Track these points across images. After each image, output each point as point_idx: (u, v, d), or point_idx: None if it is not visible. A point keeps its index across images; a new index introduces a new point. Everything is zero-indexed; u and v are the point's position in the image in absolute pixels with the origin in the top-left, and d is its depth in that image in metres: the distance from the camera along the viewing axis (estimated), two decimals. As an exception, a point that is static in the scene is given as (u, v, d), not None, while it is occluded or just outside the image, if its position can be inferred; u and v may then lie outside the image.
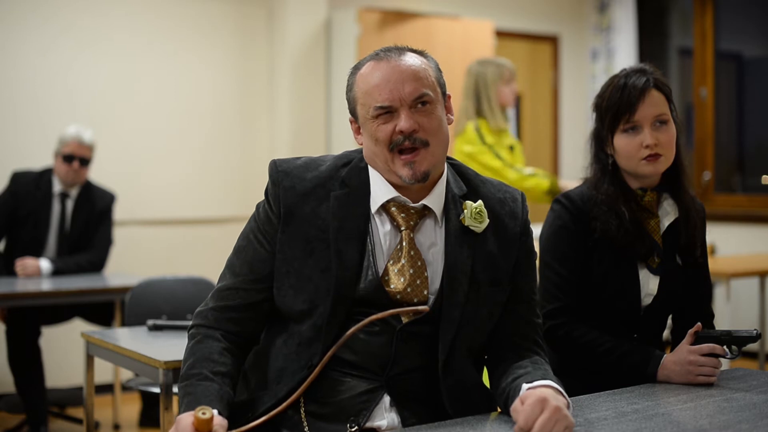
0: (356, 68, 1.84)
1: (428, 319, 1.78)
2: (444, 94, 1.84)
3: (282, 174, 1.83)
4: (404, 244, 1.79)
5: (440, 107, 1.81)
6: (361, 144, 1.85)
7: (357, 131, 1.86)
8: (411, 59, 1.80)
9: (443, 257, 1.81)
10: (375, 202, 1.81)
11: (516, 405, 1.63)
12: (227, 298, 1.83)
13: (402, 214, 1.80)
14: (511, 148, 4.58)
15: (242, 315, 1.83)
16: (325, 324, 1.75)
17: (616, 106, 2.21)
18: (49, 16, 5.10)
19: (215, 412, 1.63)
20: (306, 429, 1.75)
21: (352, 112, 1.84)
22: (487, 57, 4.97)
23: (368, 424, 1.75)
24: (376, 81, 1.77)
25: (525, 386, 1.67)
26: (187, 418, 1.57)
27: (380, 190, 1.81)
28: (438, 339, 1.78)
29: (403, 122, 1.75)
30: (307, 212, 1.80)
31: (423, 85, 1.77)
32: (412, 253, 1.79)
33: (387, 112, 1.76)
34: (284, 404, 1.70)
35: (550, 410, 1.56)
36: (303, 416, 1.77)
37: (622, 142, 2.21)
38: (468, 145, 4.40)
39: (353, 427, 1.74)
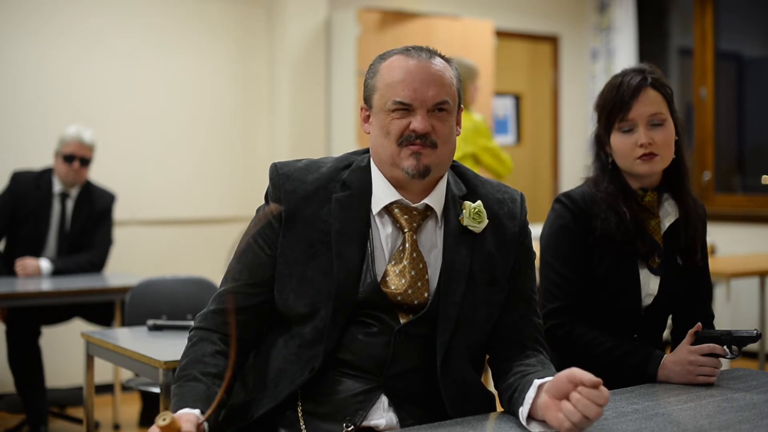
0: (382, 57, 1.83)
1: (426, 320, 1.78)
2: (459, 106, 1.85)
3: (283, 177, 1.82)
4: (407, 245, 1.79)
5: (453, 118, 1.82)
6: (368, 132, 1.85)
7: (366, 119, 1.85)
8: (439, 64, 1.80)
9: (442, 257, 1.81)
10: (377, 204, 1.81)
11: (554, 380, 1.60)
12: (227, 301, 1.82)
13: (405, 216, 1.80)
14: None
15: (240, 318, 1.81)
16: (327, 327, 1.75)
17: (611, 104, 2.21)
18: (49, 16, 5.10)
19: (196, 410, 1.61)
20: (303, 428, 1.75)
21: (367, 99, 1.84)
22: (455, 56, 5.03)
23: (365, 423, 1.75)
24: (401, 76, 1.77)
25: (537, 381, 1.66)
26: (153, 430, 1.55)
27: (382, 192, 1.81)
28: (436, 340, 1.78)
29: (419, 123, 1.75)
30: (308, 215, 1.79)
31: (446, 92, 1.78)
32: (414, 255, 1.79)
33: (405, 108, 1.76)
34: (220, 391, 1.64)
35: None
36: (300, 415, 1.77)
37: (617, 141, 2.21)
38: (486, 139, 4.62)
39: (349, 426, 1.73)
